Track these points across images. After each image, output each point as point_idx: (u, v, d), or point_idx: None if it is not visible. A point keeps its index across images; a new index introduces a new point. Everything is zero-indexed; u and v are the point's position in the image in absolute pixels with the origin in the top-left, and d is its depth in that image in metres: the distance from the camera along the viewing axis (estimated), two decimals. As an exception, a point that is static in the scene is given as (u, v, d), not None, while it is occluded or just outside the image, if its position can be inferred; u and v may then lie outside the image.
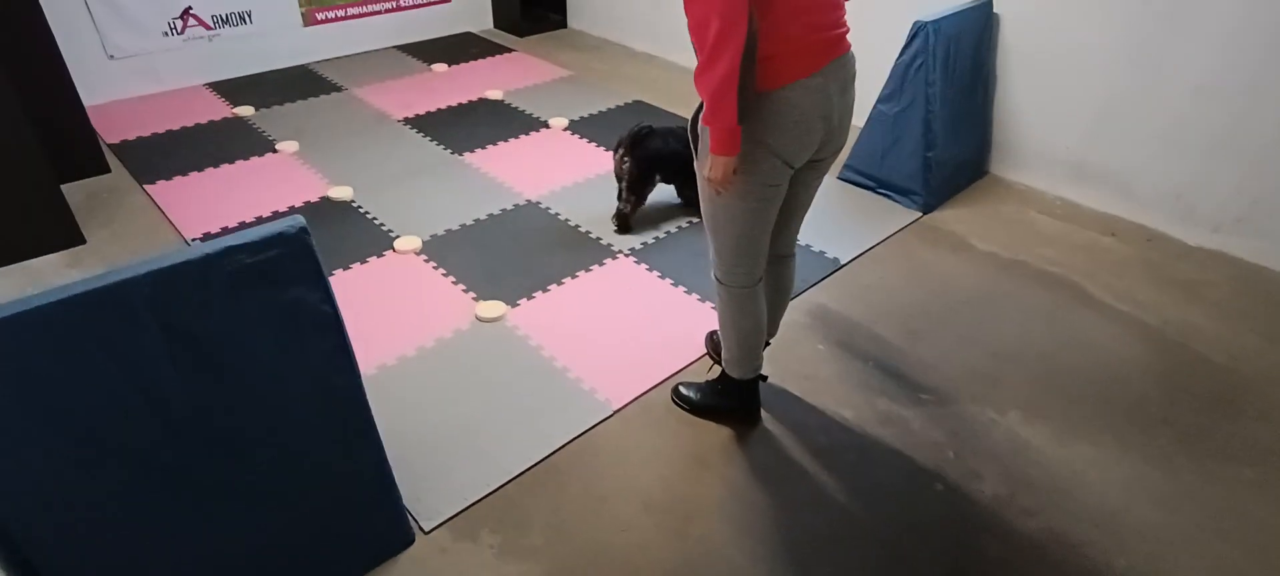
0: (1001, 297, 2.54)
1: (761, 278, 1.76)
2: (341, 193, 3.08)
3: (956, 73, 3.00)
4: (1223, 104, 2.66)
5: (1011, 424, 2.02)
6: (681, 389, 2.07)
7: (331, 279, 2.55)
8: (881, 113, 3.07)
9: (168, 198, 3.03)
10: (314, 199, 3.05)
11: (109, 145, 3.41)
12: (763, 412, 2.03)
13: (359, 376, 1.49)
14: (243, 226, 2.85)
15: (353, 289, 2.51)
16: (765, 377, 1.99)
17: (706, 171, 1.52)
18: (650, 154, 2.73)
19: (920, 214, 3.02)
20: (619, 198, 2.83)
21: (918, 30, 2.89)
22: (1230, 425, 2.03)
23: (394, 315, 2.40)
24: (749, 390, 1.97)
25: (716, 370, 2.02)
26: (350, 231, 2.84)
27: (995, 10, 3.14)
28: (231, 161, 3.33)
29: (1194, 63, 2.68)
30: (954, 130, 3.07)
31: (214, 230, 2.82)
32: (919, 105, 2.95)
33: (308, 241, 1.31)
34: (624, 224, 2.84)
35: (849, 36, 1.55)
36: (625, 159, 2.73)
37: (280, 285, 1.31)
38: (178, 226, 2.84)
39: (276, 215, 2.93)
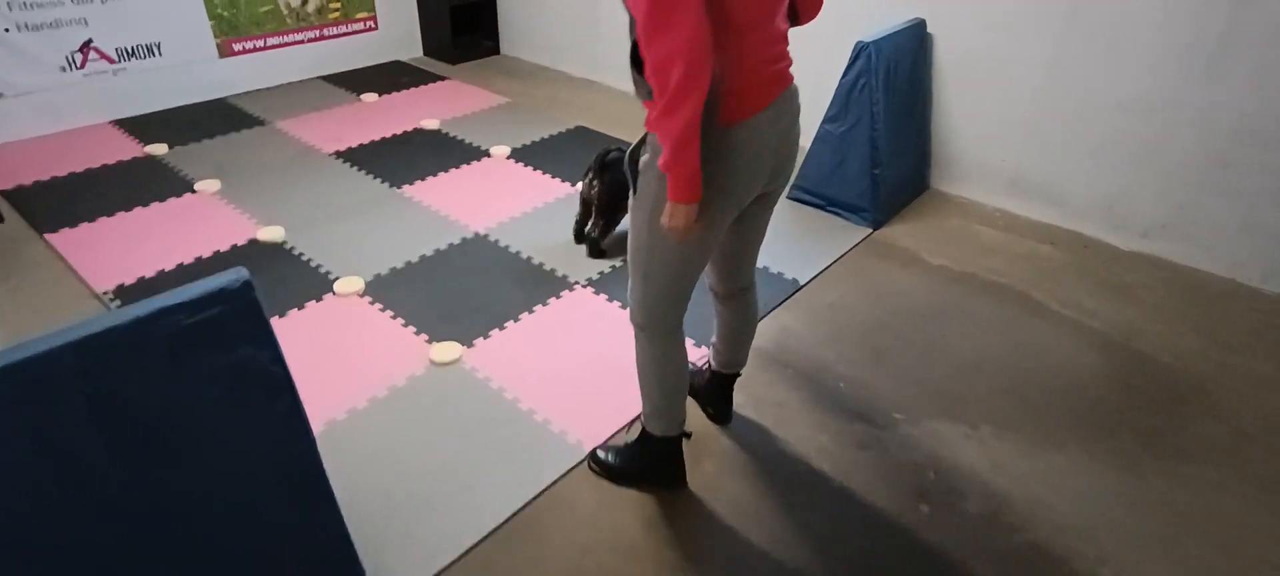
0: (956, 311, 2.57)
1: (681, 326, 1.64)
2: (272, 233, 2.88)
3: (897, 91, 3.07)
4: (1145, 119, 2.80)
5: (984, 438, 2.03)
6: (598, 453, 1.89)
7: (267, 328, 2.38)
8: (828, 132, 3.10)
9: (72, 247, 2.76)
10: (241, 242, 2.84)
11: (1, 192, 3.11)
12: (751, 452, 1.97)
13: (313, 439, 1.35)
14: (161, 276, 2.62)
15: (292, 338, 2.33)
16: (689, 435, 1.83)
17: (666, 219, 1.37)
18: (621, 178, 2.66)
19: (870, 230, 3.05)
20: (583, 222, 2.80)
21: (860, 51, 2.93)
22: (1186, 425, 2.10)
23: (341, 364, 2.24)
24: (671, 450, 1.79)
25: (637, 429, 1.84)
26: (285, 275, 2.65)
27: (929, 30, 3.23)
28: (145, 204, 3.08)
29: (1117, 81, 2.82)
30: (897, 147, 3.12)
31: (128, 281, 2.58)
32: (864, 124, 2.99)
33: (253, 296, 1.18)
34: (595, 249, 2.80)
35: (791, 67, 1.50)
36: (594, 183, 2.68)
37: (225, 346, 1.17)
38: (86, 279, 2.59)
39: (200, 261, 2.71)
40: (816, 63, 3.52)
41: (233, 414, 1.23)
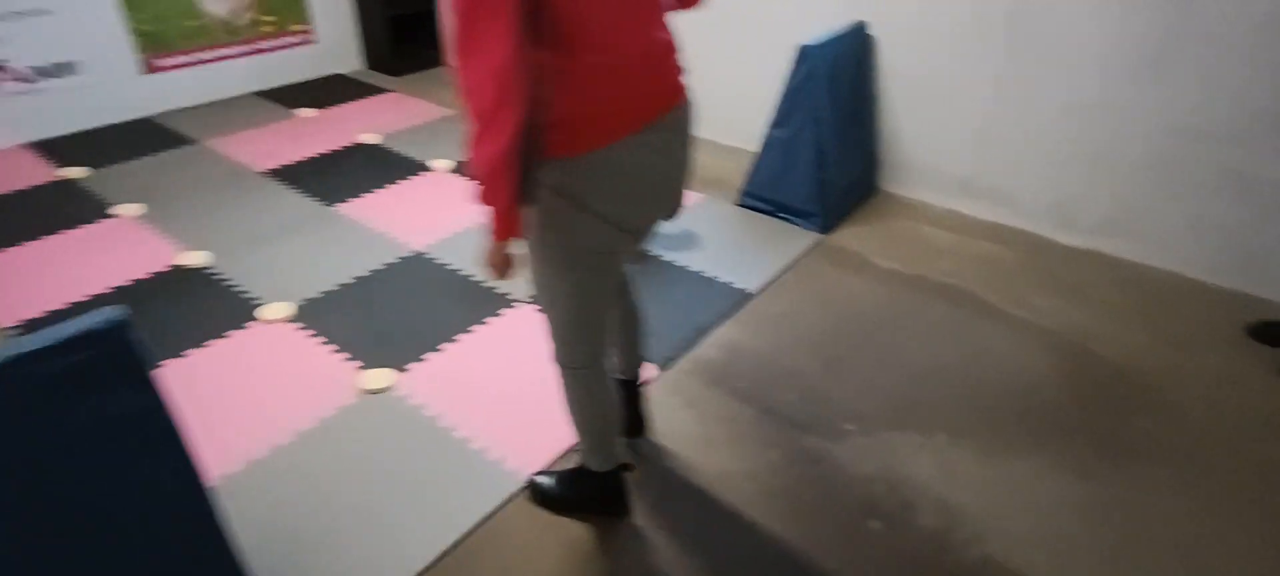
0: (909, 316, 2.53)
1: (600, 358, 1.53)
2: (195, 258, 2.72)
3: (841, 94, 3.03)
4: (1091, 119, 2.80)
5: (938, 447, 1.97)
6: (537, 481, 1.79)
7: (184, 360, 2.22)
8: (775, 137, 3.04)
9: (-25, 280, 2.57)
10: (162, 268, 2.68)
11: (-102, 222, 2.90)
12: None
13: (206, 492, 1.22)
14: (73, 308, 2.45)
15: (212, 370, 2.18)
16: (630, 467, 1.78)
17: (485, 258, 1.30)
18: None
19: (820, 235, 3.01)
20: None
21: (803, 55, 2.89)
22: (1138, 424, 2.07)
23: (264, 397, 2.10)
24: (611, 484, 1.70)
25: (576, 457, 1.75)
26: (207, 303, 2.49)
27: (870, 33, 3.21)
28: (57, 231, 2.89)
29: (1057, 84, 2.81)
30: (844, 150, 3.08)
31: (37, 314, 2.41)
32: (810, 128, 2.94)
33: (127, 337, 1.06)
34: None
35: (685, 82, 1.39)
36: None
37: (96, 394, 1.05)
38: (-11, 313, 2.41)
39: (116, 291, 2.54)
40: (760, 68, 3.50)
41: (111, 469, 1.10)
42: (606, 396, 1.58)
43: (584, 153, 1.25)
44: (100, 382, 1.05)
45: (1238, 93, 2.49)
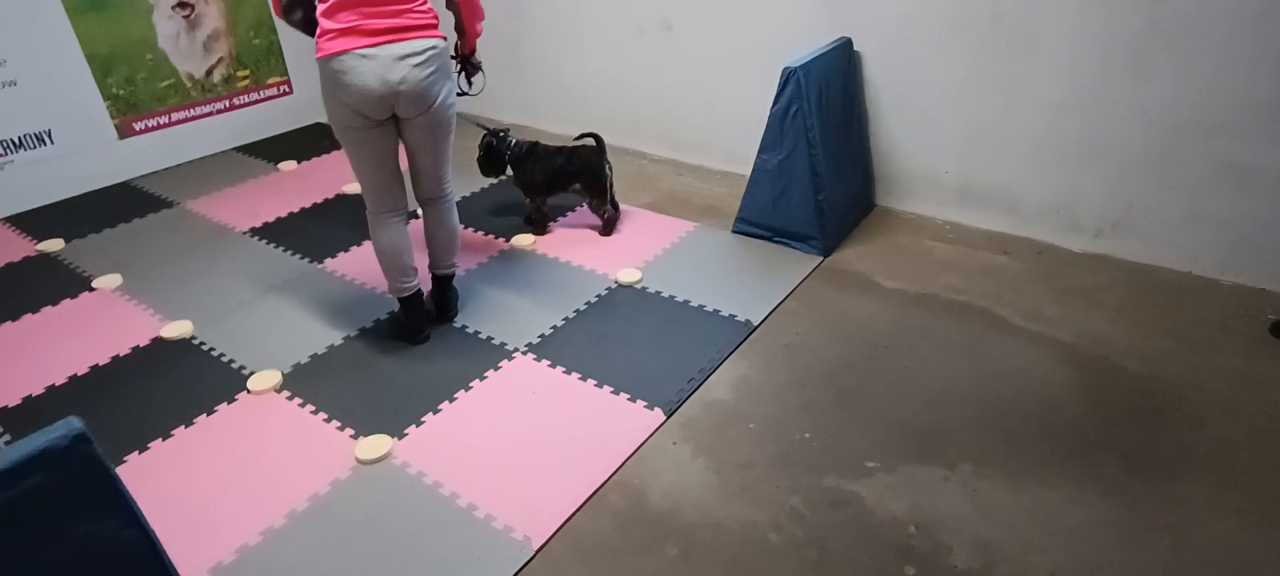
0: (920, 337, 2.45)
1: (387, 212, 2.33)
2: (178, 329, 2.62)
3: (830, 113, 2.97)
4: (1080, 118, 2.75)
5: (965, 478, 1.89)
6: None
7: (170, 441, 2.12)
8: (764, 162, 2.97)
9: (-52, 369, 2.46)
10: (143, 342, 2.58)
11: None
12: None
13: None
14: (51, 392, 2.34)
15: (200, 451, 2.08)
16: (423, 296, 2.51)
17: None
18: (527, 177, 3.14)
19: (821, 257, 2.93)
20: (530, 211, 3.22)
21: (788, 77, 2.83)
22: (1166, 436, 1.99)
23: (255, 476, 1.99)
24: (406, 306, 2.45)
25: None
26: (192, 377, 2.39)
27: (855, 48, 3.16)
28: (35, 310, 2.79)
29: (1046, 84, 2.77)
30: (838, 169, 3.02)
31: (12, 403, 2.30)
32: (802, 150, 2.87)
33: (89, 451, 0.96)
34: (535, 224, 3.20)
35: (425, 29, 2.11)
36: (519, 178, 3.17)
37: (57, 523, 0.95)
38: (-39, 405, 2.30)
39: (96, 370, 2.44)
40: (746, 91, 3.45)
41: (80, 599, 1.00)
42: (385, 242, 2.35)
43: (324, 58, 2.06)
44: (59, 506, 0.95)
45: (1233, 83, 2.45)
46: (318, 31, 2.08)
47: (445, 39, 2.18)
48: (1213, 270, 2.69)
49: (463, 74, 2.62)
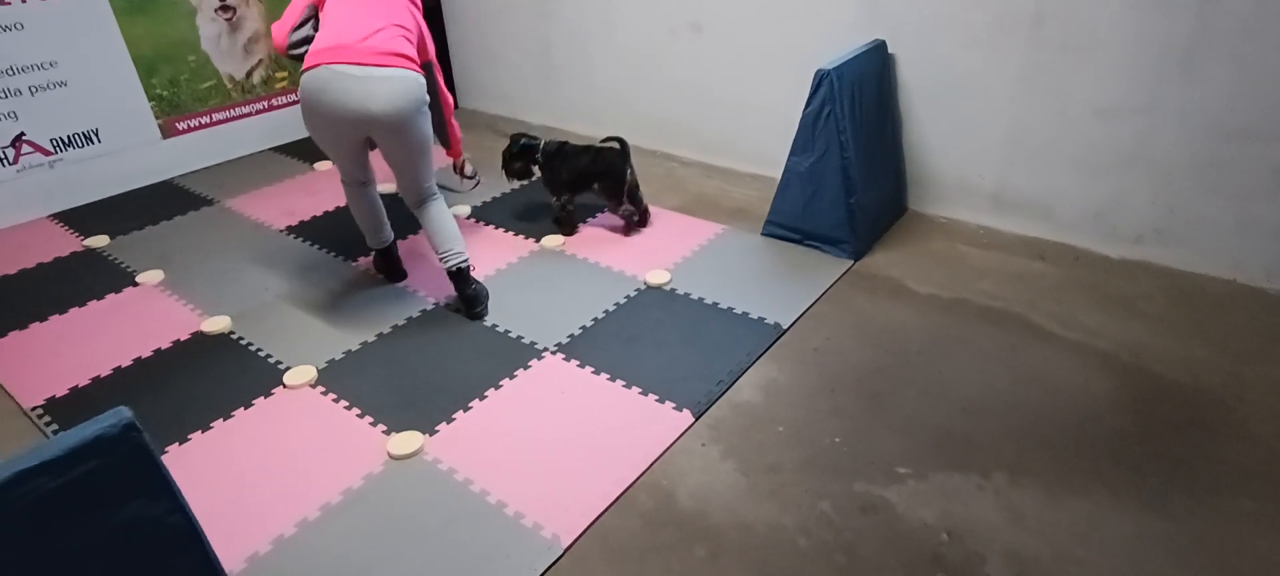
0: (953, 343, 2.42)
1: (357, 183, 2.68)
2: (217, 324, 2.68)
3: (864, 116, 2.94)
4: (1125, 122, 2.69)
5: (999, 487, 1.86)
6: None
7: (210, 433, 2.17)
8: (796, 164, 2.96)
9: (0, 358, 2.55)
10: (184, 336, 2.64)
11: (-76, 305, 2.89)
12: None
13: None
14: (96, 383, 2.41)
15: (237, 443, 2.12)
16: (396, 245, 2.90)
17: None
18: (554, 176, 3.20)
19: (851, 261, 2.91)
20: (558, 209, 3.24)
21: (821, 80, 2.81)
22: (1211, 450, 1.94)
23: (290, 468, 2.03)
24: (380, 256, 2.88)
25: None
26: (230, 371, 2.44)
27: (889, 50, 3.13)
28: (81, 304, 2.87)
29: (1091, 86, 2.71)
30: (870, 173, 2.99)
31: (60, 393, 2.37)
32: (834, 153, 2.85)
33: (139, 439, 0.99)
34: (563, 224, 3.23)
35: (392, 60, 2.30)
36: (549, 178, 3.22)
37: (107, 506, 0.98)
38: (14, 394, 2.37)
39: (138, 363, 2.50)
40: (777, 93, 3.44)
41: (126, 581, 1.03)
42: (357, 206, 2.73)
43: (302, 72, 2.33)
44: (110, 491, 0.98)
45: (1284, 88, 2.38)
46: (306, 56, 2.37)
47: (422, 74, 2.42)
48: (1260, 279, 2.62)
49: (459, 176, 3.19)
